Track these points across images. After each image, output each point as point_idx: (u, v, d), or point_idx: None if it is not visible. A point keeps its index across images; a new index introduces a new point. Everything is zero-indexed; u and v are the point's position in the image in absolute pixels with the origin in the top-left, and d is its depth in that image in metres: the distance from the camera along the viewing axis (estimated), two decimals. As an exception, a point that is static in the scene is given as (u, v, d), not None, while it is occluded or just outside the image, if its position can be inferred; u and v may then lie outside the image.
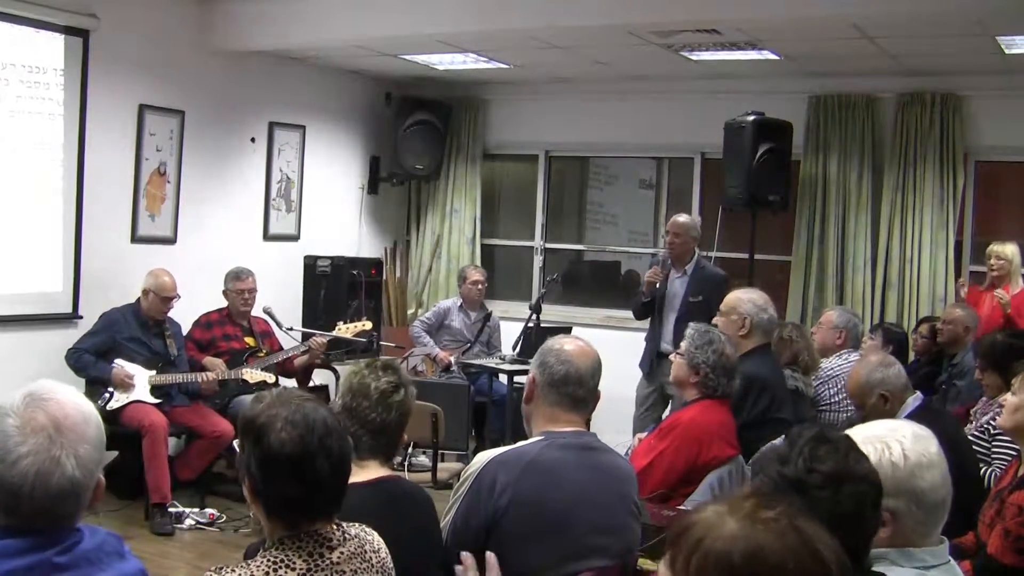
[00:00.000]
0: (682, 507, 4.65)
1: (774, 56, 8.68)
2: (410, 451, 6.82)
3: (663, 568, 1.73)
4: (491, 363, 9.39)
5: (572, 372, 3.72)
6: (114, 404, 7.55)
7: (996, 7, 6.98)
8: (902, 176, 9.21)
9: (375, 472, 3.41)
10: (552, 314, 10.09)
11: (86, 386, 7.51)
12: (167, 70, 8.86)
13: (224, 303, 8.58)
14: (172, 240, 9.02)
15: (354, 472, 2.85)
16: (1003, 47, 7.82)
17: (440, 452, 6.99)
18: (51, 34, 7.94)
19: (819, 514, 2.31)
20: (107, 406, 7.43)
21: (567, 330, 8.69)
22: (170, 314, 8.04)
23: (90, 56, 8.18)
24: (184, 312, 8.24)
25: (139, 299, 7.96)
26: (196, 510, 7.65)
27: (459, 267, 10.59)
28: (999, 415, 5.10)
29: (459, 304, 10.07)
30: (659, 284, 8.32)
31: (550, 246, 11.23)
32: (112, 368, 7.65)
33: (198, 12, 9.03)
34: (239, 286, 8.50)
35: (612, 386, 4.50)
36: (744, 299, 6.06)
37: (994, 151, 9.20)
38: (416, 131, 10.64)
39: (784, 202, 9.21)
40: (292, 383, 8.43)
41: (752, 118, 8.93)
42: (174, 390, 7.94)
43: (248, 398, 3.74)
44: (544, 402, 3.75)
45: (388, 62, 9.95)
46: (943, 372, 7.85)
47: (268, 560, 2.60)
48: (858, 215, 9.39)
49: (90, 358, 7.68)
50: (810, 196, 9.55)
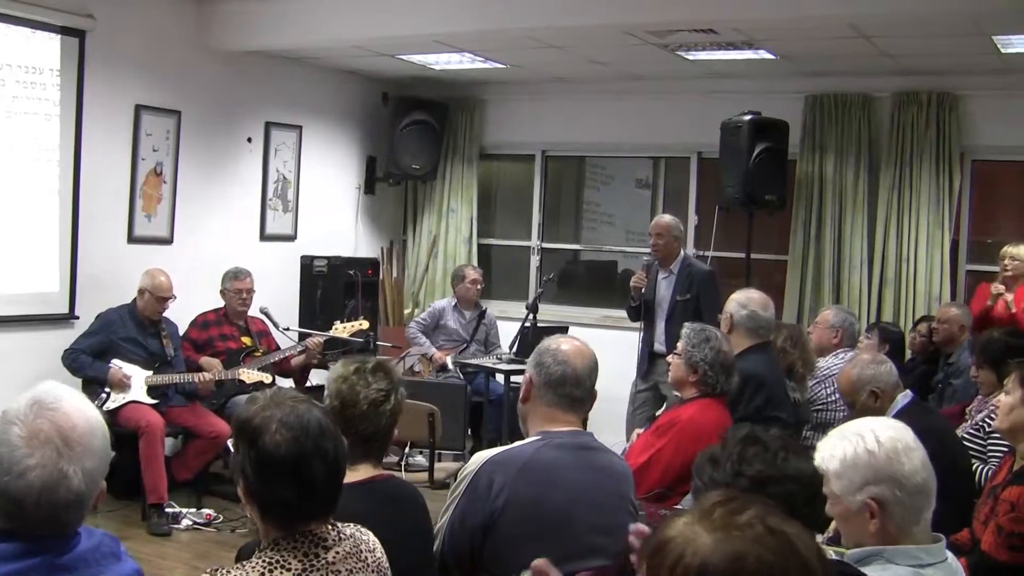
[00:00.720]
0: (679, 506, 4.64)
1: (770, 56, 8.68)
2: (407, 451, 6.80)
3: None
4: (488, 363, 9.39)
5: (569, 373, 3.71)
6: (111, 404, 7.54)
7: (992, 7, 6.98)
8: (898, 175, 9.21)
9: (367, 472, 3.41)
10: (549, 314, 10.10)
11: (83, 386, 7.49)
12: (163, 70, 8.86)
13: (221, 303, 8.57)
14: (169, 240, 9.02)
15: (347, 473, 2.84)
16: (999, 46, 7.82)
17: (437, 452, 6.98)
18: (47, 34, 7.94)
19: None
20: (104, 407, 7.42)
21: (564, 330, 8.65)
22: (167, 314, 8.03)
23: (86, 56, 8.18)
24: (181, 312, 8.23)
25: (135, 299, 7.95)
26: (193, 510, 7.65)
27: (456, 267, 10.57)
28: (994, 413, 5.12)
29: (453, 304, 10.06)
30: (645, 288, 8.33)
31: (547, 246, 11.22)
32: (109, 368, 7.65)
33: (194, 12, 9.02)
34: (237, 286, 8.49)
35: (609, 386, 4.50)
36: (732, 298, 6.14)
37: (990, 150, 9.20)
38: (413, 131, 10.63)
39: (781, 201, 9.21)
40: (289, 383, 8.43)
41: (748, 118, 8.93)
42: (171, 390, 7.94)
43: (244, 398, 3.74)
44: (541, 402, 3.74)
45: (385, 62, 9.95)
46: (939, 371, 7.85)
47: (263, 561, 2.60)
48: (855, 214, 9.39)
49: (87, 358, 7.68)
50: (807, 195, 9.55)
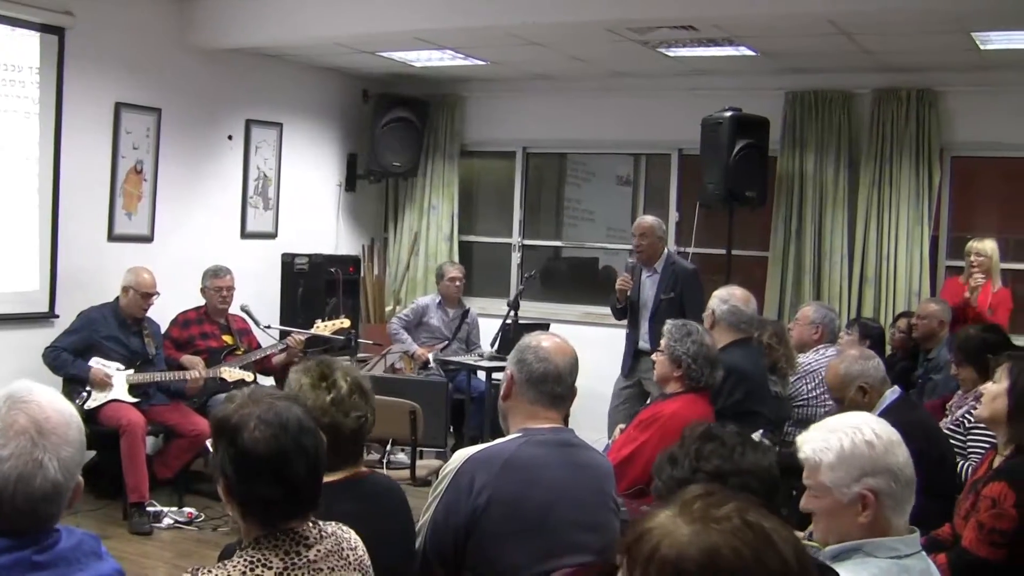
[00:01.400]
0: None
1: (751, 52, 8.69)
2: (388, 448, 6.80)
3: None
4: (469, 360, 9.38)
5: (551, 370, 3.72)
6: (92, 403, 7.53)
7: (972, 4, 6.99)
8: (878, 172, 9.23)
9: (348, 471, 3.40)
10: (530, 311, 10.10)
11: (64, 385, 7.48)
12: (143, 67, 8.82)
13: (202, 301, 8.55)
14: (149, 238, 8.99)
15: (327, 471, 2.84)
16: (978, 43, 7.84)
17: (418, 449, 6.98)
18: (26, 32, 7.90)
19: None
20: (85, 405, 7.41)
21: (545, 327, 8.68)
22: (147, 312, 8.01)
23: (66, 54, 8.14)
24: (161, 310, 8.21)
25: (118, 298, 7.93)
26: (175, 509, 7.63)
27: (437, 264, 10.57)
28: (974, 408, 5.15)
29: (437, 301, 10.05)
30: (630, 290, 8.35)
31: (528, 243, 11.22)
32: (90, 367, 7.63)
33: (175, 9, 8.99)
34: (217, 284, 8.47)
35: (590, 383, 4.50)
36: (714, 295, 6.20)
37: (970, 146, 9.21)
38: (394, 128, 10.62)
39: (761, 198, 9.23)
40: (270, 381, 8.41)
41: (729, 114, 8.93)
42: (152, 389, 7.92)
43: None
44: (522, 399, 3.75)
45: (366, 59, 9.93)
46: (919, 367, 7.88)
47: (245, 560, 2.59)
48: (835, 211, 9.40)
49: (68, 357, 7.65)
50: (787, 192, 9.57)
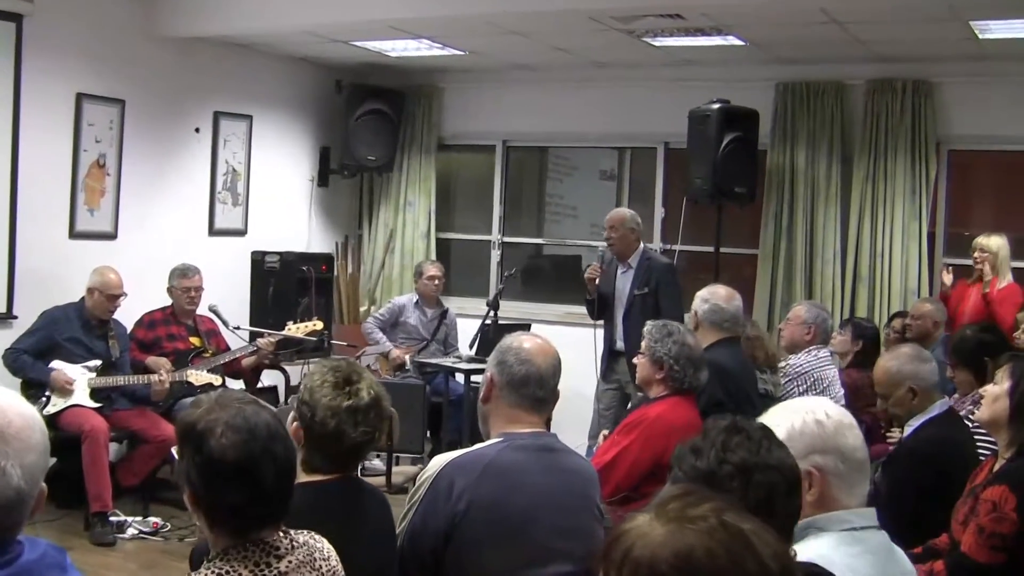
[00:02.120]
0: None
1: (740, 42, 8.70)
2: (363, 454, 6.79)
3: None
4: (448, 362, 9.38)
5: (533, 372, 3.72)
6: (52, 408, 7.47)
7: (969, -9, 7.03)
8: (873, 166, 9.25)
9: (331, 473, 3.40)
10: (510, 310, 10.09)
11: (22, 388, 7.43)
12: (106, 57, 8.79)
13: (168, 301, 8.52)
14: (113, 236, 8.96)
15: (308, 474, 2.83)
16: (976, 32, 7.86)
17: (395, 455, 6.98)
18: (-18, 19, 7.88)
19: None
20: (44, 410, 7.35)
21: (526, 327, 8.69)
22: (114, 314, 7.98)
23: (24, 42, 8.10)
24: (126, 311, 8.16)
25: (83, 298, 7.89)
26: (139, 519, 7.59)
27: (413, 262, 10.57)
28: (972, 412, 5.15)
29: (415, 301, 10.04)
30: (599, 280, 8.40)
31: (508, 240, 11.22)
32: (51, 371, 7.59)
33: (139, -4, 8.98)
34: (184, 283, 8.44)
35: (572, 385, 4.50)
36: (696, 295, 6.20)
37: (968, 139, 9.24)
38: (368, 121, 10.61)
39: (751, 193, 9.24)
40: (240, 385, 8.39)
41: (717, 106, 8.94)
42: (115, 393, 7.89)
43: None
44: (503, 403, 3.75)
45: (338, 49, 9.91)
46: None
47: (212, 571, 2.59)
48: (827, 206, 9.42)
49: (28, 359, 7.61)
50: (778, 187, 9.58)
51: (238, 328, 8.59)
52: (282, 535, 2.69)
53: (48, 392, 7.55)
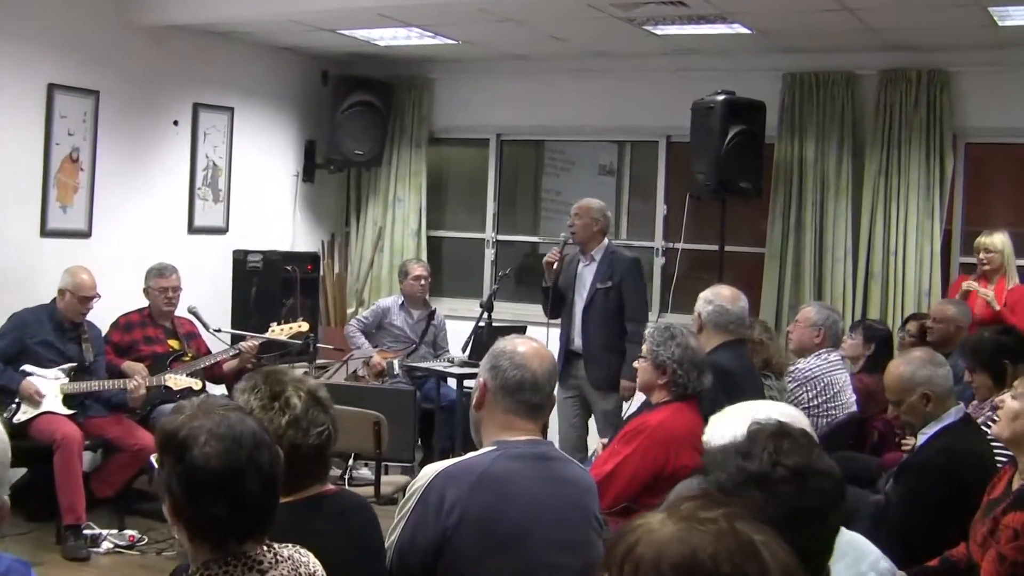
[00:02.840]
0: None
1: (746, 30, 8.71)
2: (350, 463, 6.79)
3: None
4: (439, 366, 9.37)
5: (528, 377, 3.72)
6: (22, 416, 7.46)
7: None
8: (885, 160, 9.25)
9: (316, 488, 3.40)
10: (505, 312, 10.09)
11: (-9, 395, 7.45)
12: (80, 45, 8.77)
13: (145, 303, 8.50)
14: (87, 234, 8.95)
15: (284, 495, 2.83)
16: (996, 18, 7.85)
17: (383, 464, 6.98)
18: (-51, 6, 7.87)
19: (781, 508, 2.41)
20: (14, 418, 7.36)
21: (521, 329, 8.68)
22: (87, 316, 7.96)
23: (-8, 31, 8.11)
24: (100, 313, 8.15)
25: (55, 299, 7.88)
26: (114, 532, 7.57)
27: (402, 262, 10.55)
28: (992, 419, 5.14)
29: (400, 302, 10.04)
30: (558, 265, 8.41)
31: (502, 238, 11.22)
32: (23, 377, 7.57)
33: (114, -18, 8.97)
34: (162, 284, 8.42)
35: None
36: (699, 296, 6.19)
37: (986, 132, 9.24)
38: (355, 113, 10.61)
39: (757, 189, 9.24)
40: (221, 390, 8.38)
41: (722, 98, 8.94)
42: (89, 399, 7.88)
43: (171, 407, 3.69)
44: (497, 409, 3.75)
45: (324, 37, 9.91)
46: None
47: (192, 586, 2.59)
48: (837, 203, 9.43)
49: (-3, 365, 7.61)
50: (785, 182, 9.59)
51: (219, 331, 8.59)
52: (265, 549, 2.70)
53: (18, 399, 7.54)
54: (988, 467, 4.96)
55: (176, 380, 7.98)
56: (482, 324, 9.01)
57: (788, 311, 9.25)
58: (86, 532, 7.42)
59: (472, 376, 8.28)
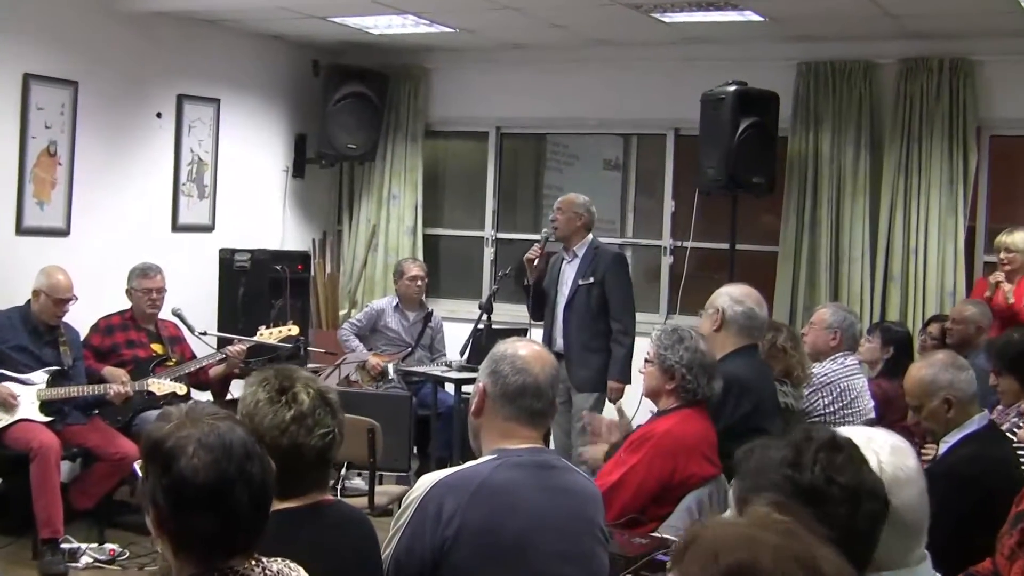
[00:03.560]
0: (656, 533, 4.65)
1: (758, 17, 8.71)
2: (343, 473, 6.79)
3: None
4: (436, 371, 9.36)
5: (529, 382, 3.71)
6: (-4, 424, 7.49)
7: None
8: (905, 154, 9.25)
9: (315, 496, 3.39)
10: (505, 314, 10.08)
11: (-37, 403, 7.45)
12: (57, 34, 8.77)
13: (127, 304, 8.51)
14: (65, 232, 8.95)
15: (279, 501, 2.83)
16: (1022, 3, 7.85)
17: (378, 473, 6.98)
18: (-80, -7, 7.88)
19: (833, 527, 2.37)
20: (-12, 426, 7.38)
21: (522, 332, 8.68)
22: (65, 318, 7.96)
23: (-35, 18, 8.12)
24: (81, 315, 8.15)
25: (29, 301, 7.87)
26: (94, 545, 7.57)
27: (397, 261, 10.55)
28: (1017, 425, 5.14)
29: (395, 303, 10.04)
30: (538, 261, 8.49)
31: (502, 236, 11.24)
32: (-3, 383, 7.58)
33: (93, -33, 8.98)
34: (145, 285, 8.42)
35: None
36: (722, 292, 6.09)
37: (1011, 124, 9.25)
38: (348, 105, 10.62)
39: (769, 185, 9.25)
40: (207, 397, 8.38)
41: (733, 89, 8.96)
42: (68, 406, 7.86)
43: (155, 414, 3.69)
44: (497, 416, 3.75)
45: (315, 25, 9.92)
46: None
47: (177, 603, 2.59)
48: (855, 199, 9.43)
49: (-32, 370, 7.61)
50: (799, 177, 9.59)
51: (204, 334, 8.59)
52: (253, 563, 2.69)
53: (-10, 406, 7.54)
54: (1015, 477, 4.94)
55: (159, 384, 7.97)
56: (481, 326, 9.00)
57: (803, 313, 9.25)
58: (64, 546, 7.40)
59: (471, 381, 8.28)
